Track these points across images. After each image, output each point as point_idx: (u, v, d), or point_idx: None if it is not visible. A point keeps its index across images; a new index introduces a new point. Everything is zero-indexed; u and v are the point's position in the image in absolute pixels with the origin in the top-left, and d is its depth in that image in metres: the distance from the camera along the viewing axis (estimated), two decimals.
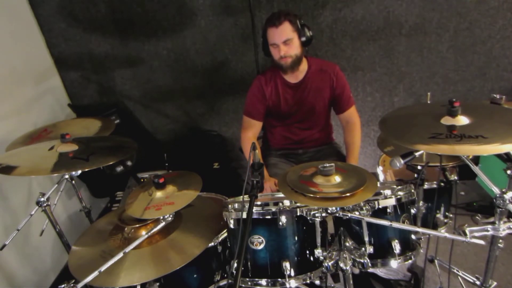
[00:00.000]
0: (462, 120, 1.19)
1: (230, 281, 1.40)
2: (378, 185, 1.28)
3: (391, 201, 1.35)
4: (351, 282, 1.33)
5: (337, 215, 1.29)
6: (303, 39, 1.88)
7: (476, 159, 2.39)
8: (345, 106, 2.08)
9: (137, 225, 1.39)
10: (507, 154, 1.18)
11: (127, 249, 1.25)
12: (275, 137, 2.23)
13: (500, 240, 1.25)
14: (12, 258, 2.04)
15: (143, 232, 1.36)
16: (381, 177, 2.08)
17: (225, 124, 2.94)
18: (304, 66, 2.00)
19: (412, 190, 1.45)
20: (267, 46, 1.93)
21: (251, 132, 2.08)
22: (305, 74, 2.01)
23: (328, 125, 2.24)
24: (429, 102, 1.75)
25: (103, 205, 2.71)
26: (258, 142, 2.37)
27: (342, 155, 2.14)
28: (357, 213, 1.28)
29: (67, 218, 2.55)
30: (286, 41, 1.83)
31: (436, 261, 2.03)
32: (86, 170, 1.39)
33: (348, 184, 1.25)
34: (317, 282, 1.58)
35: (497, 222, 1.20)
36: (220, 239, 1.51)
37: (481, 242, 1.17)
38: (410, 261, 1.40)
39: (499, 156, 1.51)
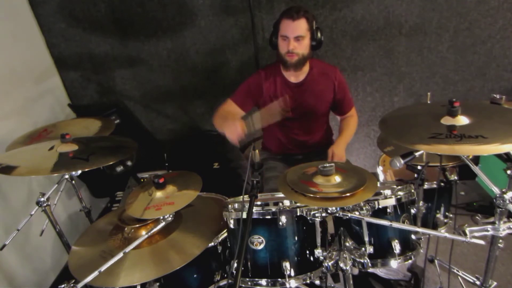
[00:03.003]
0: (462, 120, 1.19)
1: (230, 281, 1.40)
2: (378, 185, 1.28)
3: (391, 201, 1.35)
4: (351, 282, 1.33)
5: (337, 215, 1.29)
6: (314, 42, 1.86)
7: (476, 159, 2.39)
8: (346, 109, 2.10)
9: (137, 225, 1.39)
10: (507, 154, 1.18)
11: (127, 249, 1.25)
12: (274, 142, 2.20)
13: (500, 240, 1.25)
14: (12, 258, 2.04)
15: (143, 232, 1.36)
16: (381, 177, 2.08)
17: None
18: (306, 67, 1.97)
19: (412, 190, 1.45)
20: (276, 37, 1.89)
21: (229, 111, 1.91)
22: (306, 75, 1.98)
23: (328, 128, 2.22)
24: (429, 102, 1.75)
25: (103, 205, 2.71)
26: (258, 145, 2.37)
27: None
28: (357, 213, 1.28)
29: (67, 218, 2.55)
30: (298, 37, 1.80)
31: (436, 261, 2.03)
32: (86, 170, 1.39)
33: (348, 184, 1.25)
34: (317, 282, 1.58)
35: (497, 222, 1.19)
36: (220, 239, 1.50)
37: (481, 242, 1.17)
38: (410, 261, 1.40)
39: (499, 156, 1.51)
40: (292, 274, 1.31)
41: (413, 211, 1.48)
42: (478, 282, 1.44)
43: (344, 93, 2.04)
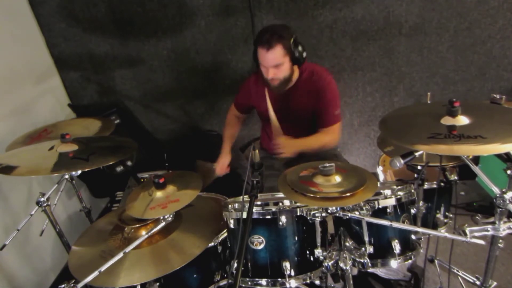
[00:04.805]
0: (462, 120, 1.19)
1: (230, 281, 1.40)
2: (378, 185, 1.28)
3: (391, 201, 1.35)
4: (351, 282, 1.33)
5: (337, 215, 1.29)
6: (295, 61, 1.78)
7: (476, 159, 2.38)
8: (327, 122, 1.92)
9: (137, 225, 1.39)
10: (507, 154, 1.18)
11: (127, 249, 1.25)
12: (270, 143, 2.15)
13: (500, 240, 1.25)
14: (12, 258, 2.04)
15: (143, 232, 1.36)
16: (381, 177, 2.08)
17: None
18: (295, 75, 1.89)
19: (412, 190, 1.45)
20: (257, 59, 1.82)
21: (234, 116, 2.24)
22: (294, 84, 1.92)
23: None
24: (429, 102, 1.75)
25: (103, 205, 2.71)
26: (257, 145, 2.37)
27: (340, 157, 2.12)
28: (357, 213, 1.28)
29: (67, 218, 2.55)
30: (276, 65, 1.74)
31: (436, 261, 2.03)
32: (86, 170, 1.38)
33: (348, 184, 1.25)
34: (317, 282, 1.58)
35: (497, 222, 1.19)
36: (220, 239, 1.50)
37: (481, 242, 1.17)
38: (410, 261, 1.40)
39: (499, 156, 1.51)
40: (292, 274, 1.31)
41: (413, 211, 1.48)
42: (478, 282, 1.44)
43: (328, 103, 1.89)
